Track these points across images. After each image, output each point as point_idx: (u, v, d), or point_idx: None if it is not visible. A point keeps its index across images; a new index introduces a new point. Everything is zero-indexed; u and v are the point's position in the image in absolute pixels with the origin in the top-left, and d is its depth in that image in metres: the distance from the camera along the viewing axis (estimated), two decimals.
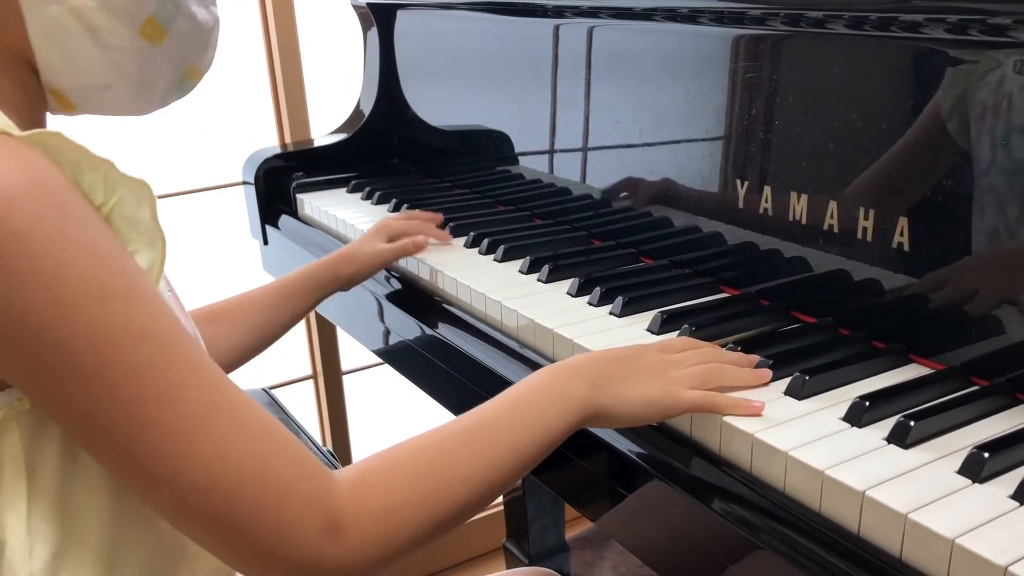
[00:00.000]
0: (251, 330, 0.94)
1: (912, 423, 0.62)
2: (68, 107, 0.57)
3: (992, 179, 0.69)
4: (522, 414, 0.62)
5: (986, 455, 0.58)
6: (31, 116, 0.56)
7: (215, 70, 0.67)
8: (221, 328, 0.91)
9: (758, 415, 0.66)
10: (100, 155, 0.49)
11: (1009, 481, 0.57)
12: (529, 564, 1.61)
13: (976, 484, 0.57)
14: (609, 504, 0.75)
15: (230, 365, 0.93)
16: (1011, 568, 0.49)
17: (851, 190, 0.78)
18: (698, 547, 0.66)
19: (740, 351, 0.74)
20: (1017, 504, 0.55)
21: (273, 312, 0.96)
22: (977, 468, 0.58)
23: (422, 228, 1.10)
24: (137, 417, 0.47)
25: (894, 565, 0.55)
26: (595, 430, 0.74)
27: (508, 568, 1.63)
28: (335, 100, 1.62)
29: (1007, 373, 0.69)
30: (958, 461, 0.59)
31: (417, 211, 1.19)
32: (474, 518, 2.14)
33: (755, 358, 0.73)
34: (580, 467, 0.77)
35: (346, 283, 1.03)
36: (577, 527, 1.94)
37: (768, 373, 0.71)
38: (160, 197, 1.60)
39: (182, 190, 1.63)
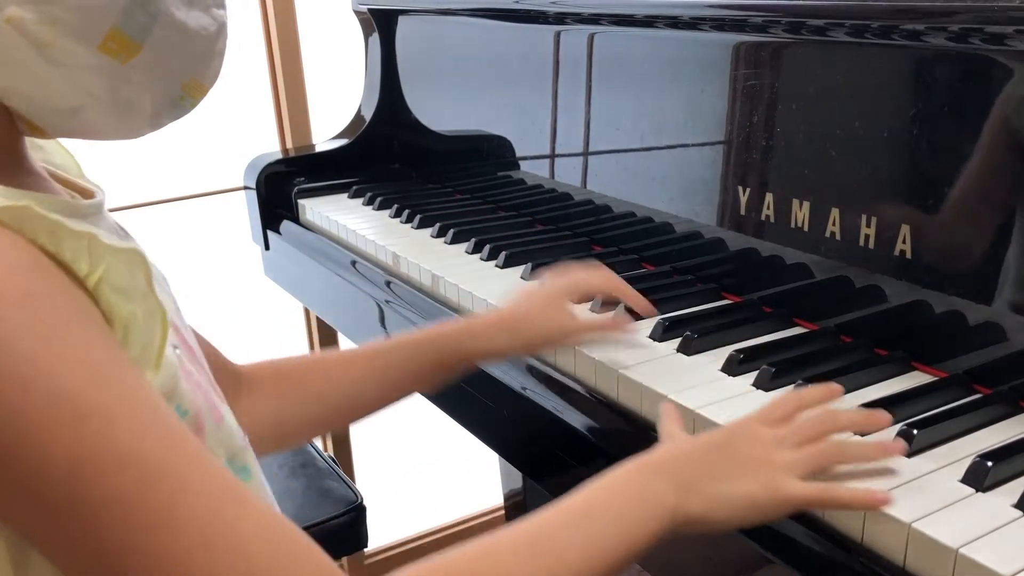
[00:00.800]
0: (322, 400, 0.75)
1: (915, 431, 0.62)
2: (37, 132, 0.50)
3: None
4: (595, 522, 0.53)
5: (989, 464, 0.58)
6: (5, 144, 0.49)
7: (219, 77, 0.58)
8: (282, 391, 0.74)
9: (885, 504, 0.56)
10: (78, 227, 0.43)
11: (1013, 490, 0.57)
12: None
13: (979, 493, 0.57)
14: None
15: (285, 437, 0.77)
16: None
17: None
18: (697, 551, 0.66)
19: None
20: (1020, 513, 0.55)
21: (343, 381, 0.76)
22: (980, 477, 0.58)
23: (621, 288, 0.85)
24: (120, 549, 0.41)
25: (898, 574, 0.55)
26: (586, 428, 0.75)
27: None
28: (336, 105, 1.62)
29: (1009, 381, 0.69)
30: (961, 470, 0.59)
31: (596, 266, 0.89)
32: (475, 521, 2.13)
33: (878, 413, 0.63)
34: (580, 473, 0.77)
35: (492, 355, 0.81)
36: None
37: (899, 446, 0.61)
38: (161, 202, 1.62)
39: (183, 195, 1.63)
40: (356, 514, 1.17)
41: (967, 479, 0.58)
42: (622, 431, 0.76)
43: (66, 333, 0.41)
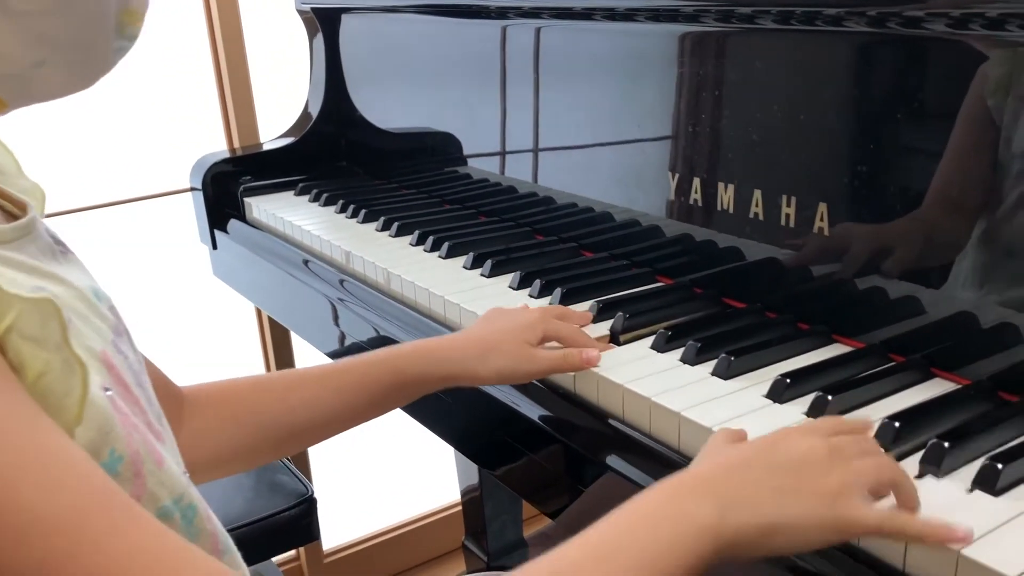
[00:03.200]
0: (275, 422, 0.72)
1: (829, 397, 0.65)
2: None
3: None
4: (623, 549, 0.47)
5: (897, 425, 0.61)
6: None
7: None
8: (231, 414, 0.71)
9: (963, 542, 0.49)
10: None
11: (916, 445, 0.60)
12: (487, 562, 1.62)
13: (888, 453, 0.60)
14: (567, 499, 0.77)
15: (236, 461, 0.73)
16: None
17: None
18: None
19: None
20: (929, 469, 0.58)
21: (302, 402, 0.73)
22: (887, 439, 0.61)
23: (581, 338, 0.78)
24: None
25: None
26: (543, 417, 0.76)
27: (468, 567, 1.65)
28: (283, 104, 1.63)
29: (922, 350, 0.72)
30: (873, 430, 0.62)
31: (566, 310, 0.85)
32: (433, 518, 2.14)
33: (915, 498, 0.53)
34: (536, 463, 0.79)
35: (463, 380, 0.76)
36: (536, 524, 1.96)
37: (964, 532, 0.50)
38: (107, 205, 1.62)
39: (130, 198, 1.63)
40: (307, 506, 1.18)
41: (877, 437, 0.61)
42: (573, 416, 0.76)
43: None
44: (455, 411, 0.91)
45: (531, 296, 0.93)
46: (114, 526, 0.39)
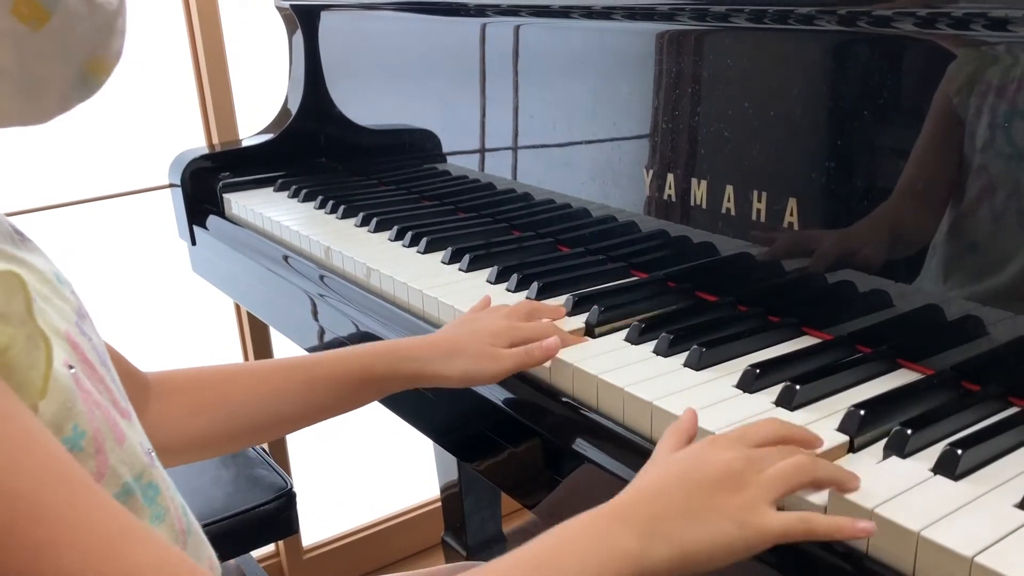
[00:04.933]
0: (242, 412, 0.73)
1: (797, 387, 0.67)
2: None
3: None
4: (550, 568, 0.49)
5: (862, 412, 0.63)
6: None
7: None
8: (199, 400, 0.72)
9: (868, 535, 0.53)
10: None
11: (881, 432, 0.62)
12: (467, 557, 1.63)
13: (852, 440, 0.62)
14: (546, 491, 0.78)
15: (204, 448, 0.73)
16: (877, 508, 0.53)
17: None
18: None
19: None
20: (894, 455, 0.60)
21: (272, 393, 0.74)
22: (852, 426, 0.62)
23: (549, 331, 0.79)
24: None
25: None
26: (519, 408, 0.78)
27: (447, 562, 1.66)
28: (262, 100, 1.63)
29: (888, 341, 0.74)
30: (838, 419, 0.64)
31: (538, 305, 0.86)
32: (412, 514, 2.15)
33: (854, 477, 0.56)
34: (513, 455, 0.80)
35: (429, 380, 0.77)
36: (516, 520, 1.98)
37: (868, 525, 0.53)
38: (84, 202, 1.62)
39: (108, 194, 1.62)
40: (286, 500, 1.19)
41: (841, 427, 0.63)
42: (549, 407, 0.77)
43: None
44: (434, 405, 0.92)
45: (508, 291, 0.94)
46: (74, 501, 0.40)
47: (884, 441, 0.61)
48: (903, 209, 0.73)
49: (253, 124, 1.61)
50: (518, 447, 0.80)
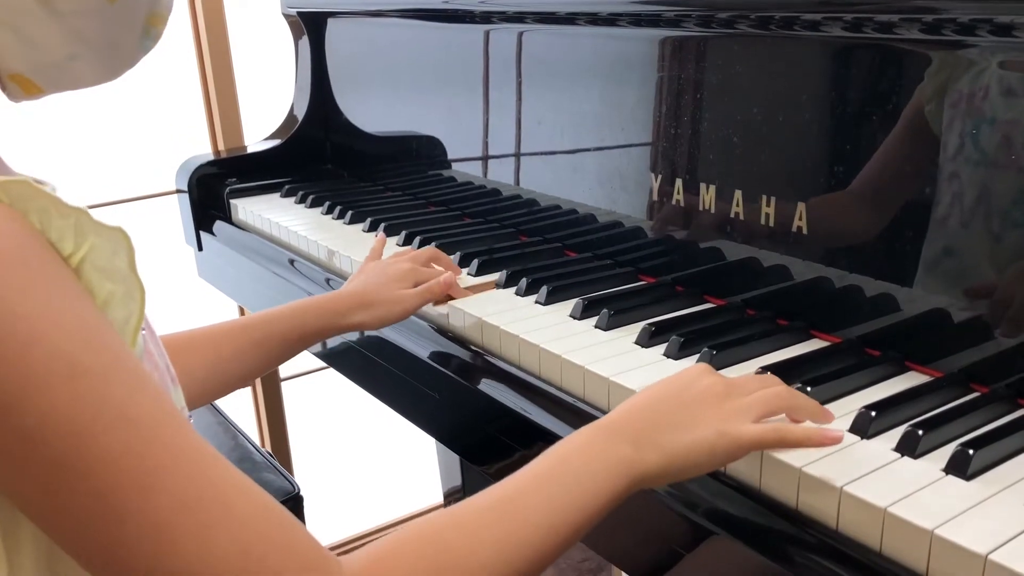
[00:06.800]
0: (202, 371, 0.81)
1: (808, 389, 0.67)
2: (33, 90, 0.52)
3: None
4: (555, 483, 0.55)
5: (873, 414, 0.63)
6: None
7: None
8: (180, 362, 0.77)
9: (837, 443, 0.60)
10: (72, 203, 0.46)
11: (893, 436, 0.62)
12: None
13: (863, 440, 0.63)
14: None
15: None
16: (889, 507, 0.54)
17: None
18: (642, 531, 0.69)
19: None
20: (898, 455, 0.60)
21: (233, 354, 0.83)
22: (865, 425, 0.63)
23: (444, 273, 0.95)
24: (112, 509, 0.42)
25: (791, 514, 0.59)
26: (526, 409, 0.78)
27: None
28: (268, 107, 1.64)
29: (897, 344, 0.75)
30: (850, 420, 0.64)
31: (438, 253, 1.00)
32: (417, 517, 2.14)
33: (833, 430, 0.62)
34: (526, 458, 0.80)
35: (350, 329, 0.90)
36: None
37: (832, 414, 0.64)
38: (93, 207, 1.62)
39: (115, 199, 1.63)
40: (294, 504, 1.19)
41: (854, 428, 0.64)
42: (559, 410, 0.78)
43: (61, 297, 0.43)
44: (439, 404, 0.93)
45: (517, 294, 0.95)
46: (178, 429, 0.45)
47: (895, 442, 0.61)
48: (913, 212, 0.73)
49: (259, 130, 1.62)
50: (529, 449, 0.80)
